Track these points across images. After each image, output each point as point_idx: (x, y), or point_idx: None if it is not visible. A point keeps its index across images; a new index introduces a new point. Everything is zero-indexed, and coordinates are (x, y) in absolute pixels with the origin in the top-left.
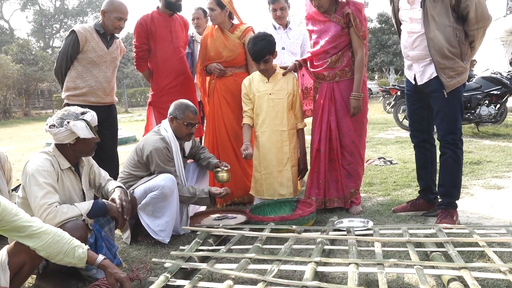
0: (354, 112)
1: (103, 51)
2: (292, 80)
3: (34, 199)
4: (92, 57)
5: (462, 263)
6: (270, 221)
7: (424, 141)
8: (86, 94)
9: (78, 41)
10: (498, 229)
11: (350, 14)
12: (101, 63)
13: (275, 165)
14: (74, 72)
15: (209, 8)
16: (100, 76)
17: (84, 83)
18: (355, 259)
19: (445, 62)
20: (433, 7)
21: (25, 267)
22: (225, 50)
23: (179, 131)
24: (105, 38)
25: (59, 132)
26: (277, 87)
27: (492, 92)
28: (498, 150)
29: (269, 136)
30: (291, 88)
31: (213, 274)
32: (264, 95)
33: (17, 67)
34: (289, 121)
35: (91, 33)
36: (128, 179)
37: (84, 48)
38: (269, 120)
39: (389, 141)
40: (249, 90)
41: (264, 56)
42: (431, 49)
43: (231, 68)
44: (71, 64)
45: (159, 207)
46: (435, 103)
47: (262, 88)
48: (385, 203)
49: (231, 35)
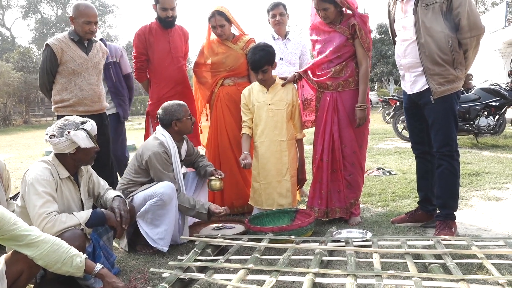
0: (359, 123)
1: (83, 58)
2: (292, 90)
3: (33, 208)
4: (72, 66)
5: (460, 275)
6: (269, 232)
7: (425, 153)
8: (74, 105)
9: (54, 54)
10: (497, 241)
11: (356, 26)
12: (83, 71)
13: (274, 175)
14: (58, 86)
15: (219, 26)
16: (85, 84)
17: (69, 94)
18: (354, 271)
19: (435, 68)
20: (425, 13)
21: (23, 276)
22: (228, 59)
23: (185, 127)
24: (82, 45)
25: (59, 142)
26: (276, 98)
27: (491, 104)
28: (497, 162)
29: (268, 146)
30: (291, 98)
31: (211, 285)
32: (263, 105)
33: (17, 74)
34: (288, 131)
35: (66, 43)
36: (128, 185)
37: (62, 59)
38: (268, 130)
39: (388, 152)
40: (249, 100)
41: (263, 66)
42: (422, 55)
43: (234, 78)
44: (53, 78)
45: (158, 215)
46: (429, 115)
47: (261, 99)
48: (384, 214)
49: (234, 46)
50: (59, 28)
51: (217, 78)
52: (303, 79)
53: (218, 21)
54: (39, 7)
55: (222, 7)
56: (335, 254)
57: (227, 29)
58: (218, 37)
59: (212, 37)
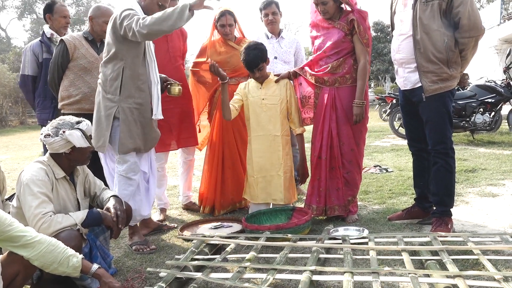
0: (356, 120)
1: (94, 57)
2: (286, 85)
3: (29, 208)
4: (83, 63)
5: (456, 271)
6: (266, 230)
7: (422, 150)
8: (80, 101)
9: (67, 49)
10: (493, 237)
11: (354, 21)
12: (93, 69)
13: (268, 169)
14: (66, 81)
15: (229, 25)
16: (93, 82)
17: (77, 90)
18: (350, 268)
19: (429, 66)
20: (423, 9)
21: (19, 277)
22: (232, 59)
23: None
24: (95, 45)
25: (54, 142)
26: (270, 92)
27: (487, 100)
28: (493, 158)
29: (262, 141)
30: (284, 93)
31: (208, 284)
32: (257, 100)
33: (13, 75)
34: (283, 127)
35: (79, 41)
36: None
37: (74, 55)
38: (262, 125)
39: (385, 149)
40: (243, 92)
41: (258, 64)
42: (416, 52)
43: (237, 78)
44: (63, 73)
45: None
46: (423, 113)
47: (255, 94)
48: (380, 211)
49: (238, 47)
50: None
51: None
52: (300, 76)
53: (228, 20)
54: (34, 7)
55: (230, 8)
56: (332, 251)
57: (234, 29)
58: (225, 36)
59: (214, 37)
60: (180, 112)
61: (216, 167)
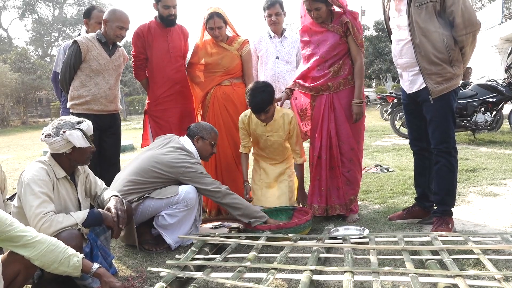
0: (356, 118)
1: (106, 59)
2: (290, 122)
3: (30, 208)
4: (94, 65)
5: (457, 271)
6: (266, 230)
7: (423, 149)
8: (89, 102)
9: (80, 50)
10: (493, 237)
11: (348, 23)
12: (104, 71)
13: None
14: (77, 82)
15: (218, 28)
16: (103, 84)
17: (87, 91)
18: (351, 267)
19: (432, 68)
20: (418, 13)
21: (20, 277)
22: (224, 60)
23: (204, 150)
24: (107, 47)
25: (55, 142)
26: (274, 130)
27: (488, 100)
28: (494, 157)
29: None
30: (288, 128)
31: (208, 283)
32: (261, 135)
33: (15, 75)
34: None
35: (92, 42)
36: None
37: (86, 57)
38: (267, 153)
39: (386, 149)
40: (248, 127)
41: (265, 108)
42: (418, 55)
43: (230, 79)
44: (74, 74)
45: (184, 218)
46: (427, 112)
47: (259, 130)
48: (381, 210)
49: (230, 47)
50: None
51: (214, 80)
52: (295, 91)
53: (217, 23)
54: (36, 7)
55: (219, 9)
56: (332, 251)
57: (224, 30)
58: (215, 39)
59: (205, 38)
60: (180, 112)
61: (210, 171)
